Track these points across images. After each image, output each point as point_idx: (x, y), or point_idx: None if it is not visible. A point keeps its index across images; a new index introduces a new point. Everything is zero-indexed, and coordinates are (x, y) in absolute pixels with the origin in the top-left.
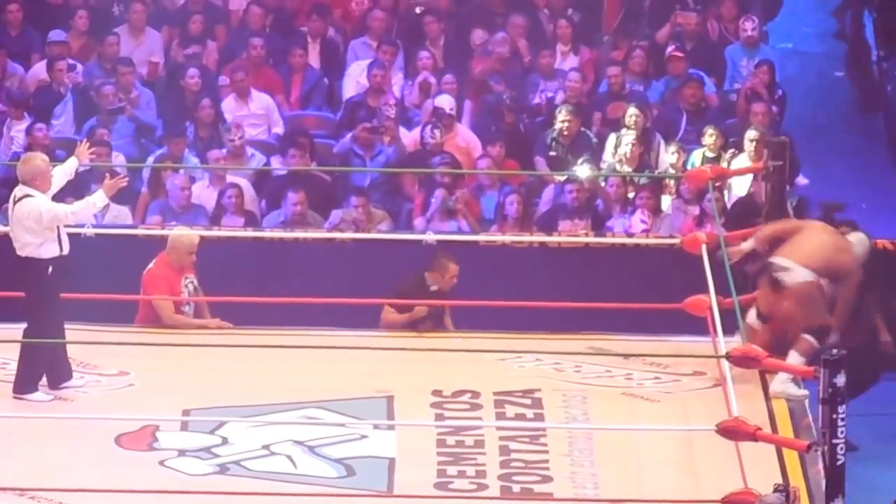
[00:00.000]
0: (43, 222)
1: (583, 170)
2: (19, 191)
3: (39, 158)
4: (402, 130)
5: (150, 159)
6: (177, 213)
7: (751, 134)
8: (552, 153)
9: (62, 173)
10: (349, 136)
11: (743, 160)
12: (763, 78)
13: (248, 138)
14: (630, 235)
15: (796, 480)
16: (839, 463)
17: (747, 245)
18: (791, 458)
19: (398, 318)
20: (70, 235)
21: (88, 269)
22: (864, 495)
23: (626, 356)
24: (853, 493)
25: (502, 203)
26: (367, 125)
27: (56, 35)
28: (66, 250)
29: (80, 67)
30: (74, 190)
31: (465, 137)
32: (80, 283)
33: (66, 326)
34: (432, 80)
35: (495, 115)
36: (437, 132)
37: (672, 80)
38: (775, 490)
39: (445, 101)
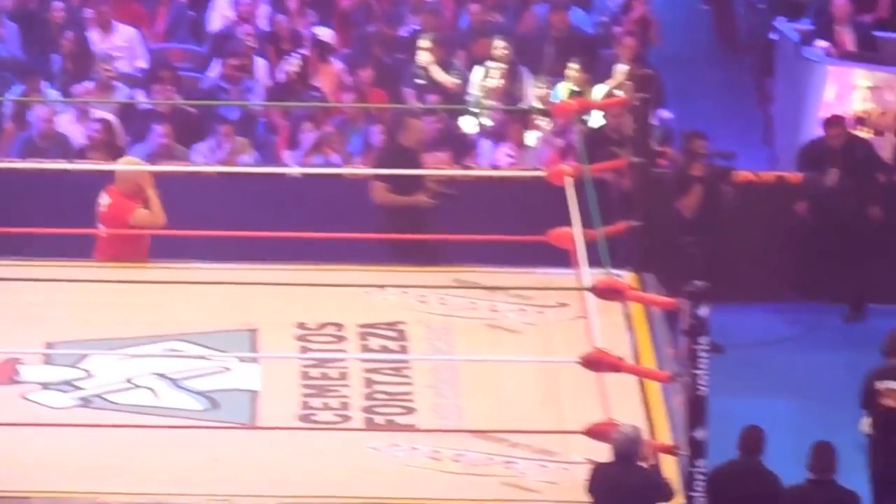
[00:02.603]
0: None
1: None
2: None
3: None
4: (261, 62)
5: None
6: (40, 145)
7: (620, 68)
8: (419, 81)
9: None
10: (216, 70)
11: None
12: (631, 9)
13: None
14: (496, 168)
15: (657, 411)
16: (701, 394)
17: None
18: (653, 389)
19: (398, 199)
20: None
21: None
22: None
23: (491, 288)
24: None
25: (368, 135)
26: (234, 61)
27: None
28: None
29: None
30: None
31: (337, 70)
32: None
33: None
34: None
35: (363, 50)
36: (297, 62)
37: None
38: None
39: (324, 33)
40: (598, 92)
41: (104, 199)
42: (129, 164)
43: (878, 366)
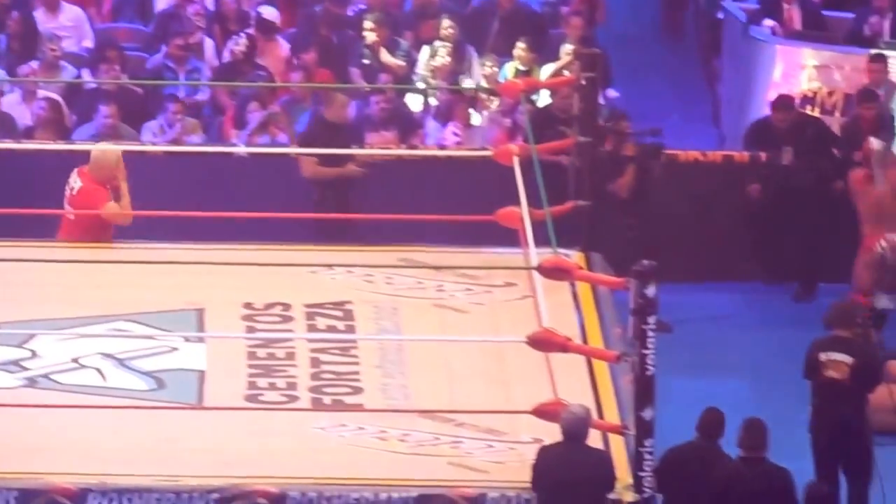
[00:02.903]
0: None
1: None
2: None
3: None
4: (208, 42)
5: None
6: None
7: (567, 48)
8: (365, 61)
9: None
10: (162, 51)
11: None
12: None
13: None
14: (442, 147)
15: (606, 391)
16: (649, 373)
17: None
18: (601, 368)
19: (327, 171)
20: None
21: None
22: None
23: (438, 268)
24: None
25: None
26: (180, 41)
27: None
28: None
29: None
30: None
31: (283, 49)
32: None
33: None
34: None
35: (309, 29)
36: (243, 42)
37: None
38: None
39: (268, 12)
40: (546, 71)
41: (75, 183)
42: (104, 153)
43: (822, 337)
